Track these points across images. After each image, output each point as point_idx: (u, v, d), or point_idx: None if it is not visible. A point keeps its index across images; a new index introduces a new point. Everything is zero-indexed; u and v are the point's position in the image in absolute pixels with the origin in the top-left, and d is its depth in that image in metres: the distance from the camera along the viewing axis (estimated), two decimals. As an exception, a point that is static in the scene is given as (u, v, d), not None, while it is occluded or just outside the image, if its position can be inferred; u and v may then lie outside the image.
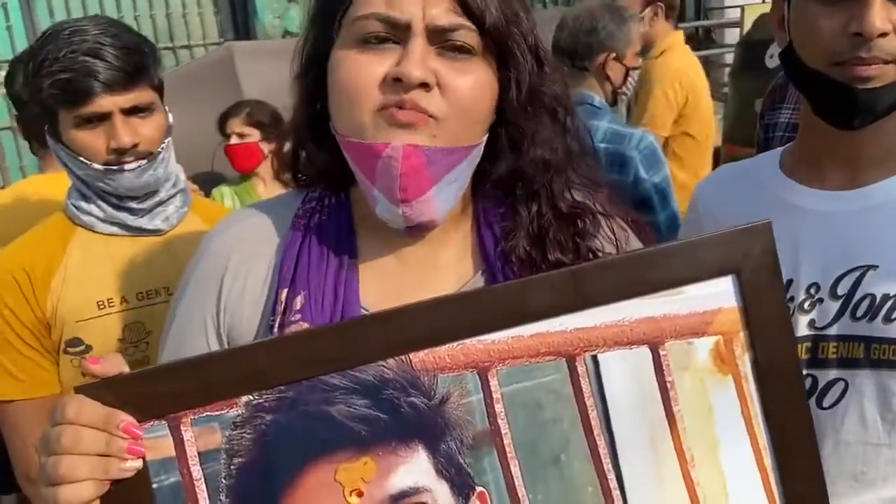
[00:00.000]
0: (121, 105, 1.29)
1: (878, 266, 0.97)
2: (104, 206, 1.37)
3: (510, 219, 0.87)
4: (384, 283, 0.85)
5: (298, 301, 0.81)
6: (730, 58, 6.27)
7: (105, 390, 0.64)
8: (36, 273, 1.34)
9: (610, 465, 0.72)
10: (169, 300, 1.33)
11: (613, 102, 2.35)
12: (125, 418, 0.64)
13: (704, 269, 0.73)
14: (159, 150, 1.36)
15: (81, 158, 1.32)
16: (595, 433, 0.72)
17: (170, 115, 1.42)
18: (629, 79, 2.32)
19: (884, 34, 0.89)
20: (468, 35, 0.77)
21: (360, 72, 0.77)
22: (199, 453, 0.66)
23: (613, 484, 0.72)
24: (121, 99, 1.29)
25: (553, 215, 0.87)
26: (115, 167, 1.31)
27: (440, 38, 0.76)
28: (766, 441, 0.73)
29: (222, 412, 0.67)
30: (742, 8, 6.77)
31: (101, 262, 1.38)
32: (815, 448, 0.74)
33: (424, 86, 0.75)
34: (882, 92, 0.93)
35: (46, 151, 1.78)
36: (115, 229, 1.39)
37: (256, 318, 0.84)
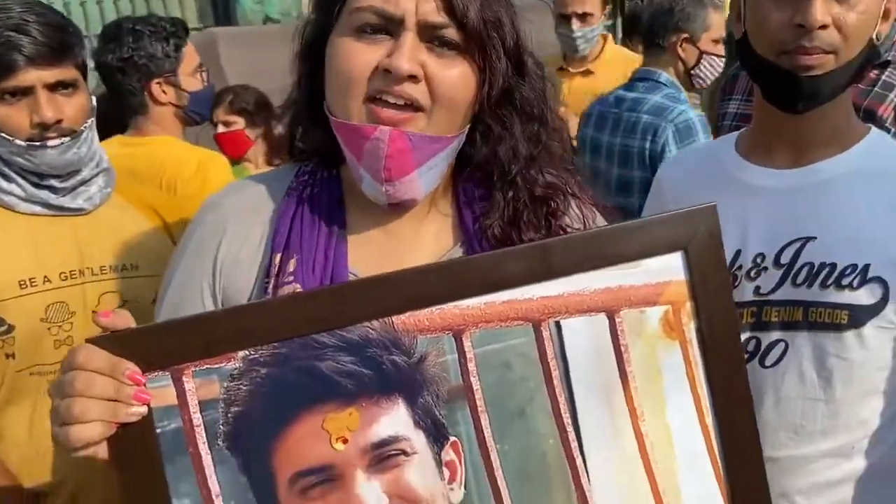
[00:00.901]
0: (45, 80, 1.31)
1: (816, 238, 1.08)
2: (25, 185, 1.36)
3: (488, 200, 0.95)
4: (370, 252, 0.92)
5: (291, 264, 0.88)
6: None
7: (114, 342, 0.70)
8: None
9: (569, 419, 0.80)
10: (93, 280, 1.37)
11: (689, 84, 2.44)
12: (131, 367, 0.70)
13: (656, 246, 0.81)
14: (83, 128, 1.37)
15: (3, 134, 1.32)
16: (557, 391, 0.80)
17: (93, 98, 1.43)
18: (704, 62, 2.40)
19: (824, 26, 1.00)
20: (453, 33, 0.85)
21: (354, 59, 0.84)
22: (199, 402, 0.73)
23: (572, 436, 0.80)
24: (45, 73, 1.31)
25: (528, 198, 0.95)
26: (37, 143, 1.32)
27: (429, 34, 0.84)
28: (707, 400, 0.83)
29: (221, 365, 0.73)
30: None
31: (22, 241, 1.37)
32: (751, 407, 0.84)
33: (412, 78, 0.83)
34: (823, 79, 1.04)
35: None
36: (36, 208, 1.38)
37: (251, 281, 0.91)
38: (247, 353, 0.73)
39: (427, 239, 0.96)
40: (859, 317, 1.06)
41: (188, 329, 0.74)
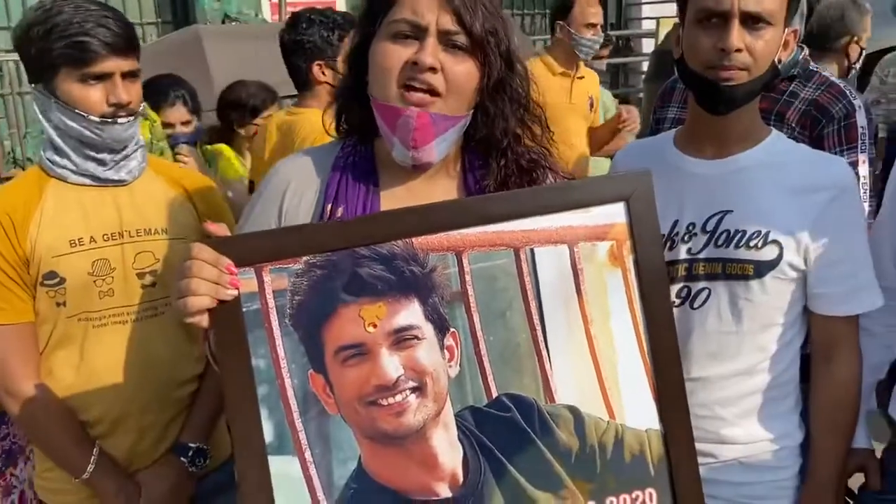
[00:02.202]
0: (122, 68, 1.55)
1: (732, 211, 1.40)
2: (76, 159, 1.56)
3: (486, 168, 1.25)
4: (396, 204, 1.21)
5: (339, 211, 1.18)
6: (646, 66, 6.82)
7: (217, 244, 0.99)
8: (17, 217, 1.52)
9: (537, 320, 1.09)
10: (130, 241, 1.60)
11: (845, 75, 2.86)
12: (227, 261, 0.99)
13: (606, 197, 1.10)
14: (139, 110, 1.62)
15: (78, 110, 1.52)
16: (529, 299, 1.09)
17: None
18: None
19: (739, 50, 1.32)
20: (462, 38, 1.14)
21: (392, 55, 1.14)
22: (273, 291, 1.01)
23: (539, 334, 1.09)
24: (122, 63, 1.55)
25: (515, 167, 1.25)
26: (109, 120, 1.54)
27: (445, 39, 1.14)
28: (640, 311, 1.12)
29: (289, 266, 1.02)
30: (657, 20, 7.36)
31: (72, 207, 1.56)
32: (672, 319, 1.13)
33: (433, 69, 1.13)
34: (739, 89, 1.35)
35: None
36: (85, 180, 1.58)
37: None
38: (308, 258, 1.02)
39: (439, 195, 1.25)
40: (761, 269, 1.38)
41: (268, 239, 1.03)
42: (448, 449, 1.06)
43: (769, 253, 1.37)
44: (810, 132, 2.00)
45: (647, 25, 8.81)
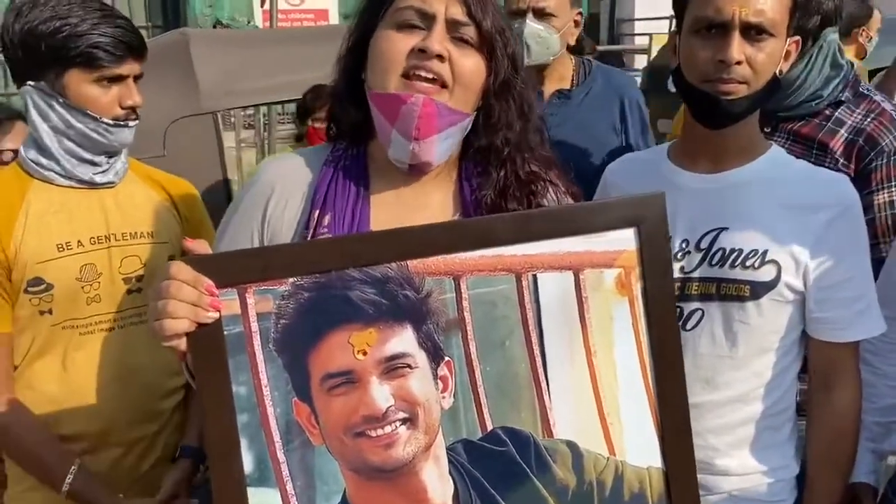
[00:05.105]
0: (135, 71, 1.53)
1: (728, 227, 1.33)
2: (65, 164, 1.52)
3: (484, 176, 1.18)
4: (387, 212, 1.15)
5: (326, 219, 1.11)
6: (637, 81, 6.86)
7: (197, 263, 0.93)
8: (0, 221, 1.47)
9: (538, 351, 1.03)
10: (116, 245, 1.55)
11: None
12: (208, 282, 0.92)
13: (615, 222, 1.04)
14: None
15: (90, 112, 1.49)
16: (530, 328, 1.03)
17: None
18: None
19: (739, 62, 1.25)
20: (471, 31, 1.09)
21: (395, 44, 1.08)
22: (256, 314, 0.95)
23: (539, 364, 1.03)
24: (136, 66, 1.53)
25: (514, 179, 1.18)
26: (122, 122, 1.51)
27: (453, 29, 1.09)
28: (646, 343, 1.06)
29: (275, 287, 0.95)
30: (650, 36, 7.37)
31: (58, 210, 1.52)
32: (681, 352, 1.07)
33: (440, 57, 1.07)
34: (737, 102, 1.28)
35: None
36: (72, 182, 1.54)
37: (291, 232, 1.14)
38: (295, 279, 0.95)
39: (433, 205, 1.19)
40: (758, 291, 1.31)
41: (252, 258, 0.96)
42: (438, 483, 1.00)
43: (766, 273, 1.31)
44: (856, 165, 1.81)
45: (639, 41, 8.83)
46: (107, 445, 1.56)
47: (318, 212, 1.13)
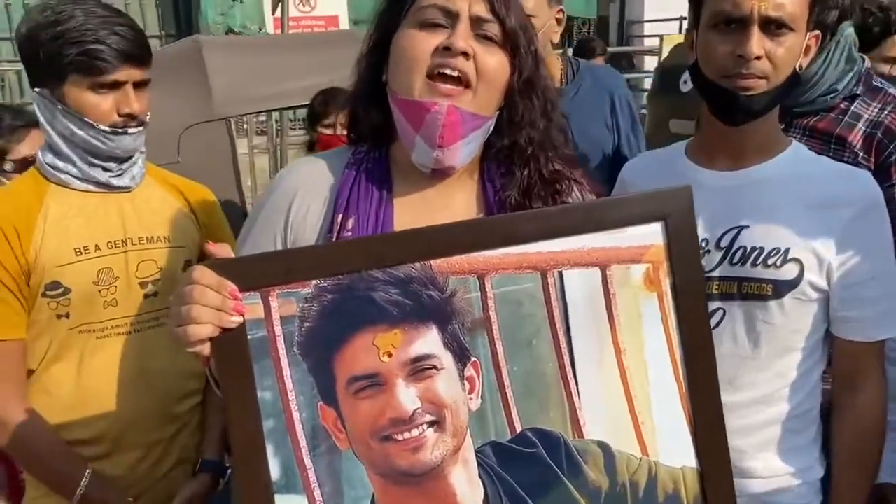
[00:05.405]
0: (134, 77, 1.50)
1: (748, 226, 1.31)
2: (82, 166, 1.51)
3: (507, 176, 1.17)
4: (411, 215, 1.14)
5: (350, 222, 1.10)
6: (648, 82, 6.88)
7: (220, 267, 0.92)
8: (21, 226, 1.46)
9: (566, 350, 1.01)
10: (133, 249, 1.55)
11: None
12: (231, 286, 0.91)
13: (642, 216, 1.02)
14: (146, 119, 1.56)
15: (87, 119, 1.47)
16: (557, 326, 1.01)
17: None
18: None
19: (758, 57, 1.23)
20: (495, 28, 1.09)
21: (419, 43, 1.08)
22: (280, 317, 0.94)
23: (567, 363, 1.01)
24: (135, 72, 1.50)
25: (538, 178, 1.17)
26: (119, 130, 1.49)
27: (478, 27, 1.08)
28: (677, 340, 1.03)
29: (298, 290, 0.94)
30: (661, 37, 7.38)
31: (76, 214, 1.51)
32: (712, 349, 1.04)
33: (465, 54, 1.06)
34: (757, 98, 1.26)
35: None
36: (89, 186, 1.53)
37: (314, 236, 1.13)
38: (318, 281, 0.94)
39: (456, 206, 1.18)
40: (781, 289, 1.29)
41: (276, 260, 0.95)
42: (467, 487, 0.98)
43: (789, 272, 1.28)
44: (876, 158, 1.78)
45: (649, 43, 8.84)
46: (124, 449, 1.56)
47: (341, 216, 1.12)
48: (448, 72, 1.07)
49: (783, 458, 1.34)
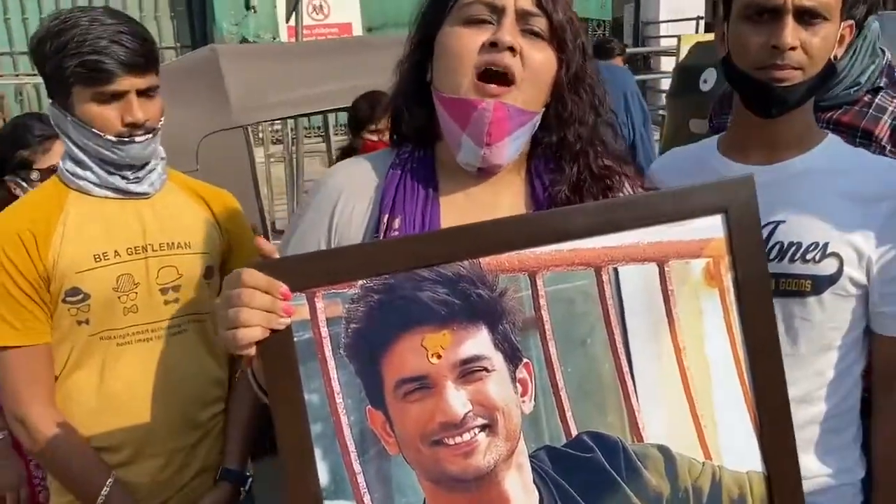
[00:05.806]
0: (137, 86, 1.48)
1: (785, 221, 1.26)
2: (100, 172, 1.50)
3: (556, 173, 1.14)
4: (457, 214, 1.11)
5: (396, 222, 1.08)
6: (665, 83, 6.75)
7: (269, 268, 0.90)
8: (39, 232, 1.46)
9: (622, 350, 0.97)
10: (154, 255, 1.53)
11: None
12: (283, 286, 0.89)
13: (701, 209, 0.97)
14: (158, 126, 1.55)
15: (94, 129, 1.46)
16: (613, 325, 0.97)
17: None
18: None
19: (793, 48, 1.19)
20: (542, 22, 1.06)
21: (465, 40, 1.05)
22: (326, 318, 0.92)
23: (624, 364, 0.97)
24: (138, 80, 1.47)
25: (588, 173, 1.14)
26: (126, 139, 1.48)
27: (524, 21, 1.05)
28: (740, 338, 0.98)
29: (344, 290, 0.91)
30: (679, 37, 7.24)
31: (95, 220, 1.51)
32: (778, 346, 0.99)
33: (512, 50, 1.03)
34: (792, 90, 1.22)
35: None
36: (108, 193, 1.53)
37: (360, 236, 1.11)
38: (364, 281, 0.91)
39: (503, 204, 1.14)
40: (820, 285, 1.23)
41: (324, 260, 0.93)
42: (522, 493, 0.94)
43: (828, 267, 1.23)
44: None
45: (664, 43, 8.73)
46: (146, 456, 1.55)
47: (387, 216, 1.10)
48: (494, 68, 1.04)
49: (822, 459, 1.30)
